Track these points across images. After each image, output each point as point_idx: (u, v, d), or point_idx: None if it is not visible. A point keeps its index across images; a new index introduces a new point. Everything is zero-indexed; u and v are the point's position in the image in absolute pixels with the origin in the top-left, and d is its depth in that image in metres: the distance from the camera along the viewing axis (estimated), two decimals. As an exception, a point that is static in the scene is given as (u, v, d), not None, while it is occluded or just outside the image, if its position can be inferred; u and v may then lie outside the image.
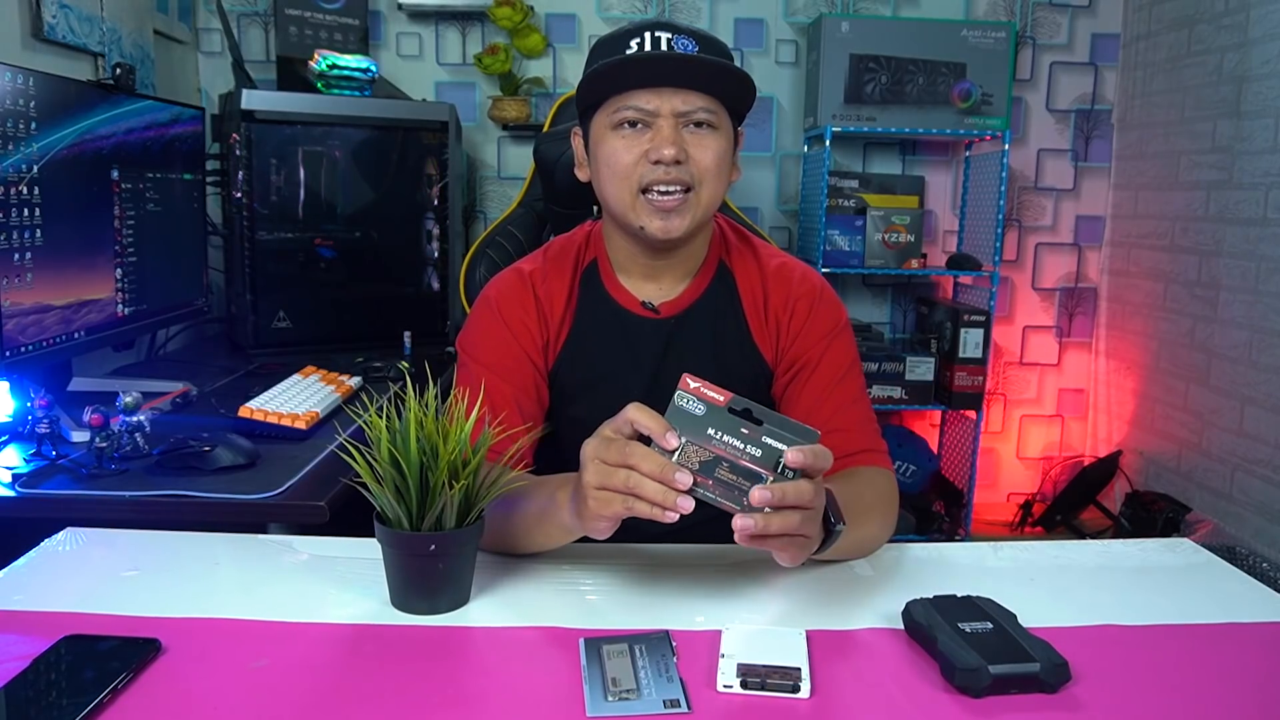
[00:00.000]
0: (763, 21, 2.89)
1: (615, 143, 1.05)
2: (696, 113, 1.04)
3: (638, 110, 1.03)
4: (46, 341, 1.46)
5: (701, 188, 1.05)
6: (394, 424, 0.82)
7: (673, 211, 1.05)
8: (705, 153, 1.05)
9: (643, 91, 1.03)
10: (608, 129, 1.06)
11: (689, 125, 1.04)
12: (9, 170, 1.36)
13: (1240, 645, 0.82)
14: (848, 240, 2.76)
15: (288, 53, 2.45)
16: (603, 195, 1.10)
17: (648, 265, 1.14)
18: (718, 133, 1.06)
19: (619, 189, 1.06)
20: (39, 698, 0.68)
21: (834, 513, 0.86)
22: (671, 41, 1.03)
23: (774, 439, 0.77)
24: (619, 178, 1.06)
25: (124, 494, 1.18)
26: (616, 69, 1.03)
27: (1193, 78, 2.67)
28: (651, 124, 1.04)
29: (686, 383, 0.78)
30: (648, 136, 1.04)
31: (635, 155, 1.04)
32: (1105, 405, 3.09)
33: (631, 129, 1.04)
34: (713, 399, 0.77)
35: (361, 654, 0.78)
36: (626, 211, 1.07)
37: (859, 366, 1.16)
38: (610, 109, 1.05)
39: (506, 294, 1.16)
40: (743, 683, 0.72)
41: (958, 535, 2.85)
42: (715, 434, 0.77)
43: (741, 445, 0.77)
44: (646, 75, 1.03)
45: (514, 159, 2.89)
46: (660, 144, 1.02)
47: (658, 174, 1.03)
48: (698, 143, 1.05)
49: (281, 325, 2.16)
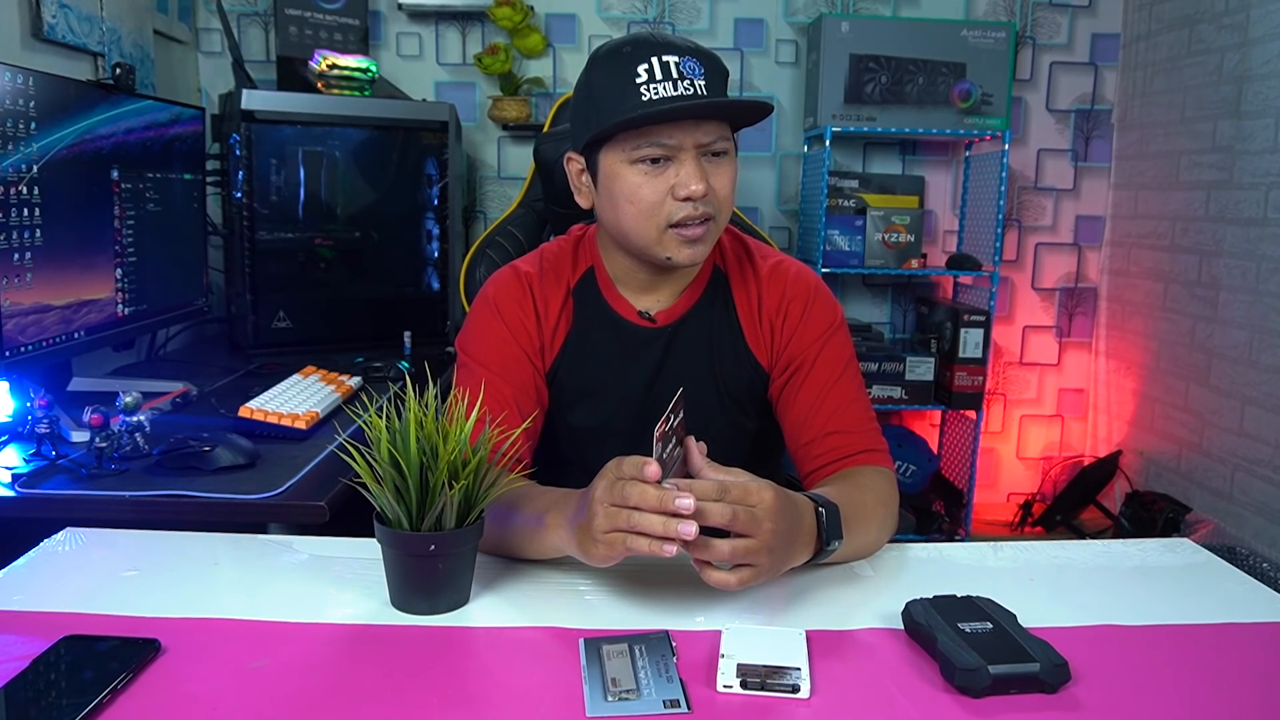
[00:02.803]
0: (763, 21, 2.89)
1: (636, 179, 1.04)
2: (716, 142, 1.04)
3: (662, 147, 1.02)
4: (46, 341, 1.46)
5: (720, 213, 1.07)
6: (394, 424, 0.82)
7: (699, 241, 1.06)
8: (723, 181, 1.06)
9: (666, 127, 1.02)
10: (624, 164, 1.04)
11: (707, 155, 1.05)
12: (9, 170, 1.36)
13: (1240, 645, 0.82)
14: (848, 240, 2.76)
15: (288, 53, 2.45)
16: (620, 228, 1.08)
17: (648, 280, 1.15)
18: (730, 156, 1.07)
19: (644, 226, 1.05)
20: (39, 698, 0.68)
21: (833, 529, 0.88)
22: (680, 65, 1.01)
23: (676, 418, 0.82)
24: (644, 215, 1.05)
25: (124, 494, 1.18)
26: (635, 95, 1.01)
27: (1193, 78, 2.67)
28: (674, 158, 1.03)
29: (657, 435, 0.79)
30: (670, 171, 1.03)
31: (660, 193, 1.03)
32: (1105, 405, 3.09)
33: (653, 165, 1.03)
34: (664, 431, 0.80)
35: (361, 654, 0.78)
36: (651, 246, 1.06)
37: (856, 365, 1.16)
38: (628, 145, 1.03)
39: (504, 292, 1.16)
40: (743, 683, 0.72)
41: (958, 535, 2.85)
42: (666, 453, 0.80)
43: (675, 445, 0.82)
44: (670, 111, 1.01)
45: (514, 159, 2.89)
46: (688, 180, 1.02)
47: (687, 210, 1.03)
48: (716, 172, 1.05)
49: (281, 325, 2.16)
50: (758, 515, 0.80)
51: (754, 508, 0.80)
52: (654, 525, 0.77)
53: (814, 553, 0.89)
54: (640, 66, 1.01)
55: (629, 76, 1.01)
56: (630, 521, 0.78)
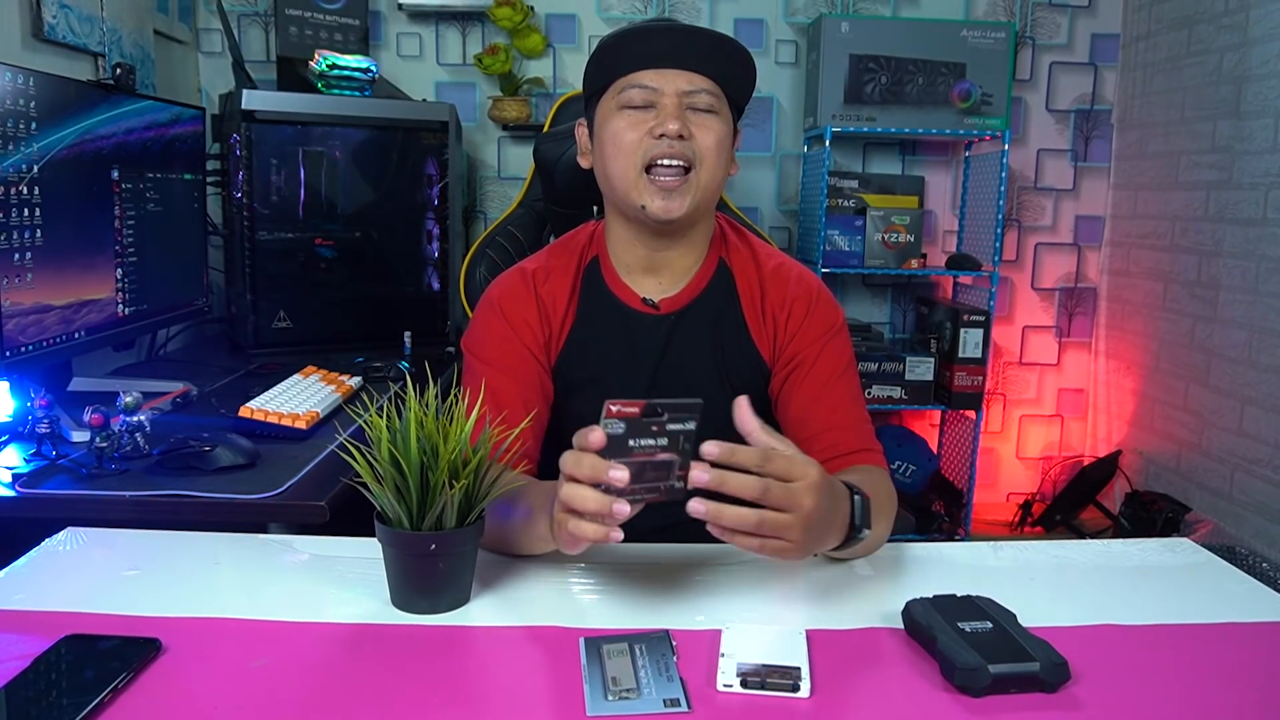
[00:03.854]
0: (763, 21, 2.89)
1: (620, 122, 1.08)
2: (699, 94, 1.07)
3: (643, 89, 1.07)
4: (46, 341, 1.46)
5: (701, 168, 1.08)
6: (394, 423, 0.82)
7: (674, 191, 1.07)
8: (707, 134, 1.07)
9: (648, 72, 1.07)
10: (613, 111, 1.09)
11: (692, 109, 1.07)
12: (9, 170, 1.36)
13: (1240, 645, 0.83)
14: (847, 240, 2.76)
15: (288, 53, 2.45)
16: (606, 175, 1.11)
17: (649, 258, 1.15)
18: (718, 117, 1.09)
19: (623, 166, 1.08)
20: (39, 697, 0.68)
21: (864, 517, 0.86)
22: (683, 31, 1.08)
23: (675, 423, 0.76)
24: (623, 155, 1.08)
25: (124, 494, 1.18)
26: (622, 43, 1.08)
27: (1192, 78, 2.67)
28: (656, 103, 1.07)
29: (609, 408, 0.76)
30: (652, 115, 1.07)
31: (640, 133, 1.07)
32: (1105, 405, 3.09)
33: (636, 110, 1.07)
34: (629, 413, 0.76)
35: (361, 654, 0.78)
36: (629, 190, 1.08)
37: (855, 367, 1.17)
38: (616, 90, 1.08)
39: (508, 293, 1.16)
40: (743, 682, 0.72)
41: (957, 535, 2.85)
42: (635, 443, 0.76)
43: (653, 441, 0.76)
44: (649, 53, 1.07)
45: (514, 159, 2.90)
46: (665, 119, 1.05)
47: (661, 148, 1.06)
48: (700, 123, 1.08)
49: (281, 325, 2.16)
50: (796, 491, 0.77)
51: (795, 483, 0.77)
52: (586, 500, 0.75)
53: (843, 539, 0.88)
54: (643, 30, 1.09)
55: (628, 37, 1.09)
56: (566, 496, 0.76)
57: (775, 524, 0.77)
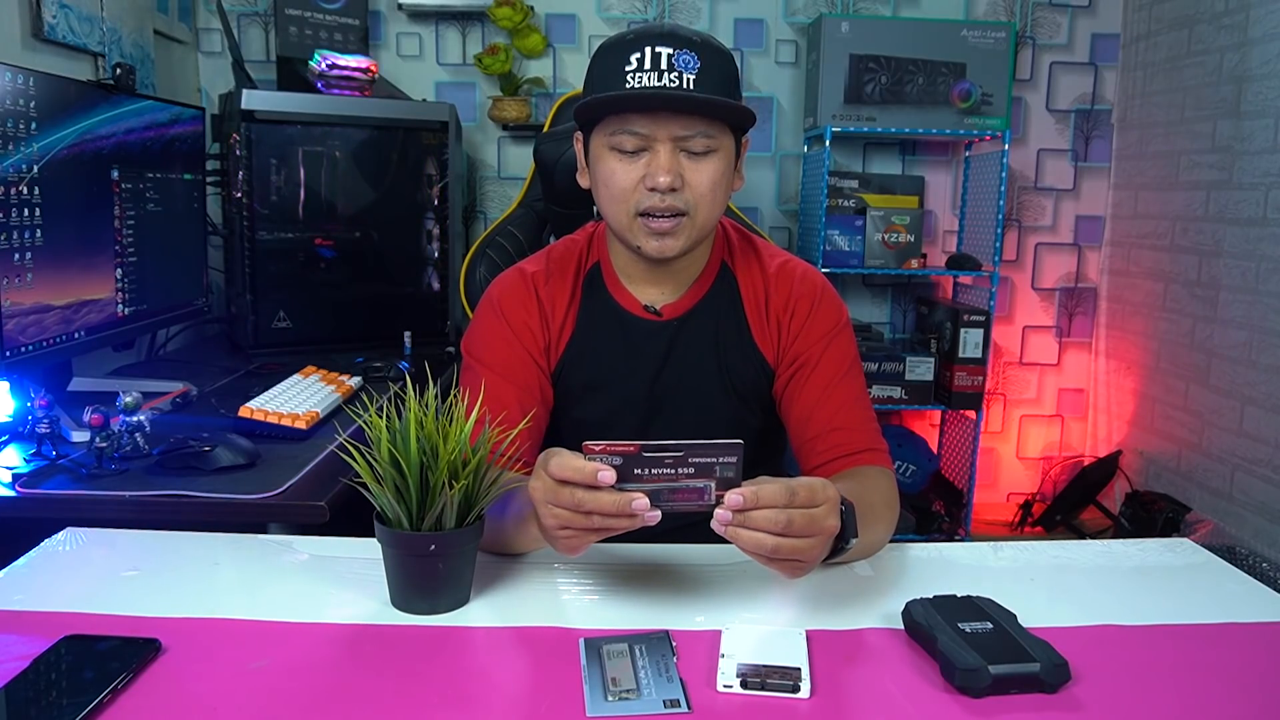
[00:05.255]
0: (763, 21, 2.89)
1: (613, 164, 1.05)
2: (694, 139, 1.03)
3: (634, 136, 1.02)
4: (46, 341, 1.46)
5: (696, 212, 1.05)
6: (394, 424, 0.82)
7: (667, 234, 1.05)
8: (701, 178, 1.04)
9: (641, 116, 1.02)
10: (605, 149, 1.05)
11: (687, 153, 1.03)
12: (9, 170, 1.36)
13: (1240, 645, 0.82)
14: (848, 240, 2.76)
15: (288, 53, 2.45)
16: (601, 211, 1.10)
17: (649, 269, 1.15)
18: (716, 155, 1.05)
19: (616, 211, 1.07)
20: (39, 697, 0.68)
21: (850, 526, 0.86)
22: (673, 58, 1.01)
23: (701, 458, 0.77)
24: (616, 200, 1.06)
25: (124, 494, 1.18)
26: (615, 102, 1.02)
27: (1193, 78, 2.67)
28: (649, 148, 1.03)
29: (590, 448, 0.76)
30: (644, 161, 1.03)
31: (632, 181, 1.04)
32: (1105, 405, 3.09)
33: (628, 153, 1.04)
34: (625, 450, 0.76)
35: (361, 654, 0.78)
36: (624, 232, 1.08)
37: (860, 366, 1.16)
38: (608, 130, 1.04)
39: (509, 294, 1.16)
40: (743, 683, 0.72)
41: (958, 535, 2.85)
42: (643, 472, 0.77)
43: (673, 470, 0.77)
44: (643, 105, 1.02)
45: (514, 159, 2.89)
46: (656, 172, 1.02)
47: (653, 201, 1.03)
48: (694, 168, 1.04)
49: (281, 325, 2.16)
50: (819, 516, 0.78)
51: (818, 508, 0.79)
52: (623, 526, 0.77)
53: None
54: (634, 54, 1.02)
55: (622, 63, 1.02)
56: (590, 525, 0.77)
57: (792, 549, 0.78)
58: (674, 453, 0.76)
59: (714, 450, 0.77)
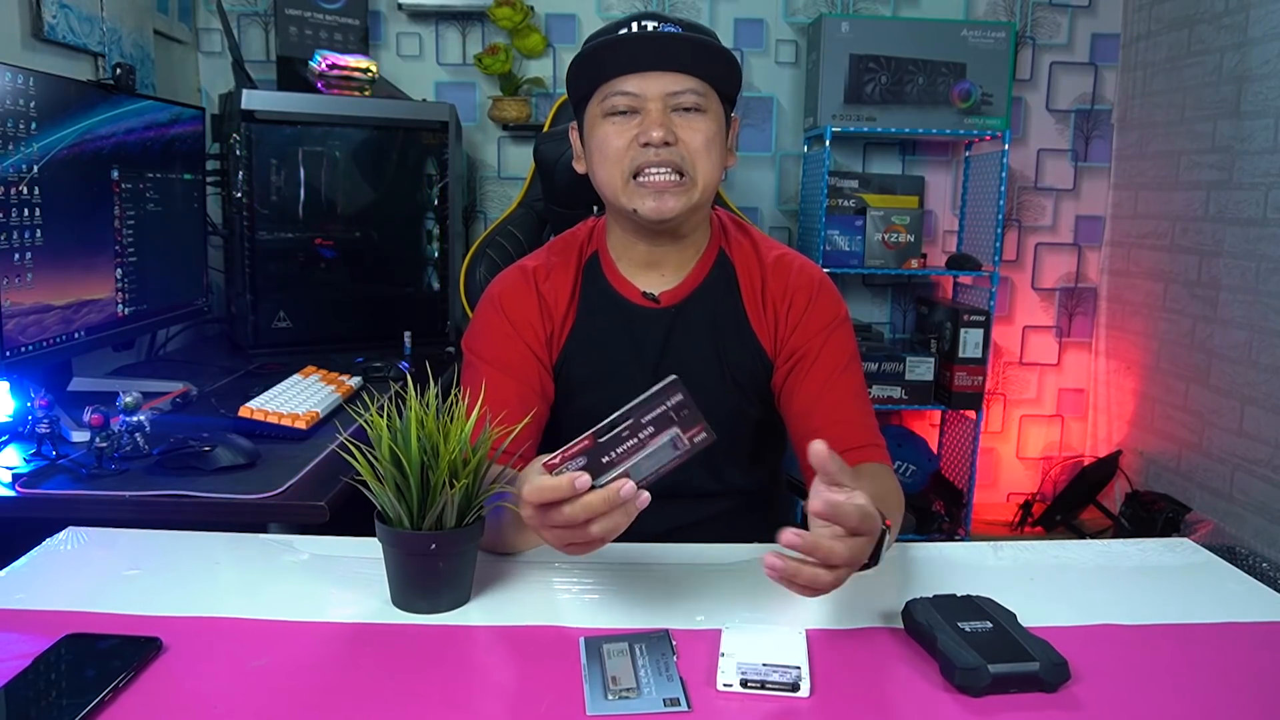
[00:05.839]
0: (763, 21, 2.89)
1: (607, 129, 1.07)
2: (684, 95, 1.05)
3: (626, 95, 1.05)
4: (46, 341, 1.46)
5: (695, 170, 1.07)
6: (395, 422, 0.82)
7: (666, 192, 1.06)
8: (695, 135, 1.06)
9: (629, 77, 1.05)
10: (599, 117, 1.08)
11: (678, 110, 1.06)
12: (9, 170, 1.36)
13: (1240, 645, 0.83)
14: (848, 240, 2.76)
15: (288, 53, 2.45)
16: (597, 182, 1.11)
17: (647, 253, 1.15)
18: (706, 115, 1.07)
19: (611, 174, 1.08)
20: (40, 697, 0.68)
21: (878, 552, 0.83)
22: (659, 28, 1.05)
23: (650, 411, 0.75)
24: (610, 163, 1.07)
25: (124, 494, 1.18)
26: (602, 51, 1.05)
27: (1193, 78, 2.67)
28: (641, 109, 1.06)
29: (551, 464, 0.76)
30: (636, 121, 1.06)
31: (626, 140, 1.06)
32: (1105, 405, 3.09)
33: (621, 116, 1.06)
34: (581, 448, 0.75)
35: (361, 654, 0.78)
36: (619, 195, 1.08)
37: (858, 360, 1.16)
38: (600, 97, 1.07)
39: (509, 290, 1.16)
40: (743, 682, 0.72)
41: (958, 535, 2.85)
42: (610, 457, 0.76)
43: (636, 438, 0.76)
44: (631, 58, 1.05)
45: (514, 159, 2.89)
46: (649, 126, 1.04)
47: (648, 156, 1.05)
48: (686, 125, 1.06)
49: (281, 325, 2.16)
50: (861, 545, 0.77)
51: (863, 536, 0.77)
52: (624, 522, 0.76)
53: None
54: (621, 30, 1.06)
55: (606, 48, 1.06)
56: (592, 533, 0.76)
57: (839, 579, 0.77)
58: (624, 422, 0.76)
59: (657, 400, 0.76)
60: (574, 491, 0.74)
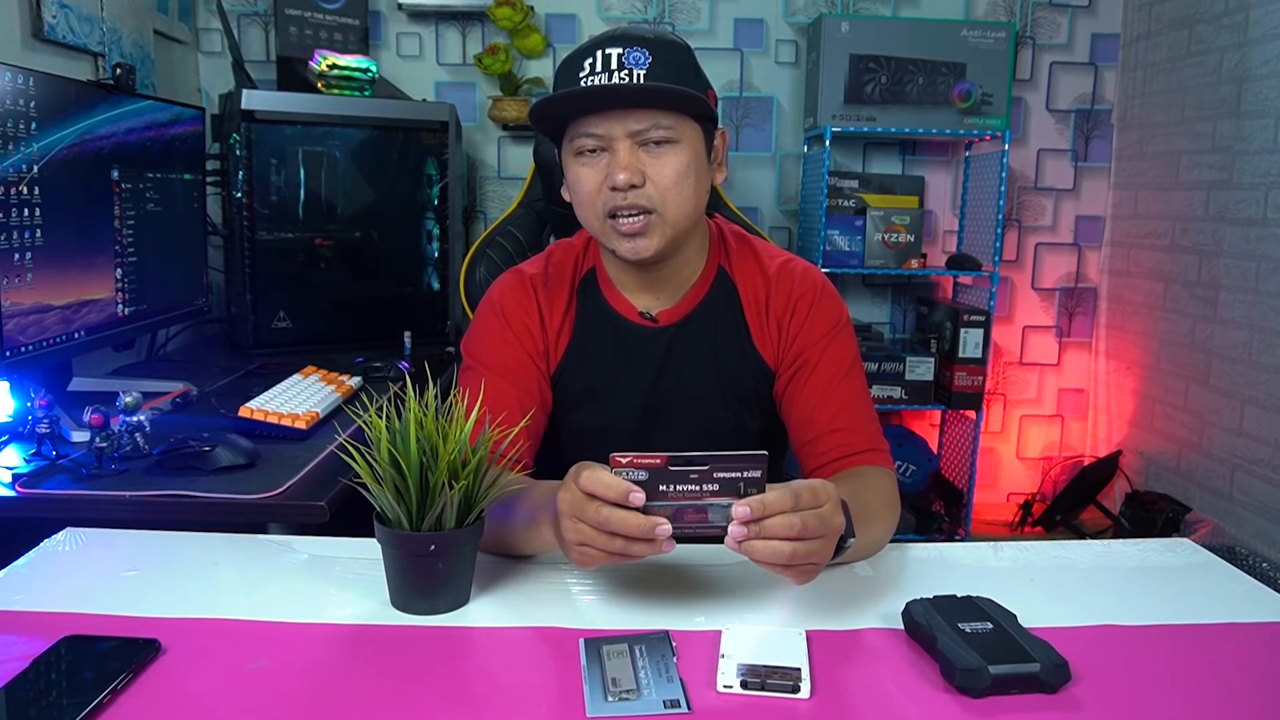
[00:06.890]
0: (763, 21, 2.89)
1: (579, 170, 1.05)
2: (651, 130, 1.02)
3: (592, 137, 1.02)
4: (46, 341, 1.46)
5: (665, 207, 1.04)
6: (394, 424, 0.82)
7: (639, 234, 1.04)
8: (663, 171, 1.03)
9: (593, 118, 1.02)
10: (571, 156, 1.06)
11: (646, 145, 1.03)
12: (9, 170, 1.36)
13: (1240, 645, 0.82)
14: (848, 240, 2.76)
15: (288, 53, 2.45)
16: (579, 218, 1.10)
17: (642, 277, 1.14)
18: (678, 145, 1.03)
19: (587, 215, 1.07)
20: (39, 698, 0.68)
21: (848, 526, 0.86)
22: (623, 57, 1.01)
23: (725, 472, 0.77)
24: (585, 205, 1.06)
25: (124, 494, 1.18)
26: (559, 103, 1.02)
27: (1193, 78, 2.67)
28: (609, 148, 1.03)
29: (617, 460, 0.77)
30: (605, 161, 1.03)
31: (596, 182, 1.04)
32: (1105, 405, 3.09)
33: (591, 155, 1.04)
34: (651, 464, 0.76)
35: (361, 654, 0.78)
36: (598, 235, 1.08)
37: (860, 365, 1.16)
38: (569, 137, 1.05)
39: (510, 295, 1.16)
40: (743, 683, 0.72)
41: (958, 535, 2.85)
42: (668, 489, 0.77)
43: (697, 488, 0.77)
44: (591, 105, 1.02)
45: (514, 159, 2.89)
46: (614, 170, 1.02)
47: (616, 200, 1.03)
48: (654, 162, 1.03)
49: (281, 325, 2.16)
50: (826, 514, 0.79)
51: (823, 506, 0.79)
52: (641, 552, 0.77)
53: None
54: (587, 60, 1.02)
55: (577, 69, 1.03)
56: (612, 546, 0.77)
57: (808, 552, 0.78)
58: (699, 466, 0.77)
59: (739, 463, 0.77)
60: (624, 499, 0.76)
